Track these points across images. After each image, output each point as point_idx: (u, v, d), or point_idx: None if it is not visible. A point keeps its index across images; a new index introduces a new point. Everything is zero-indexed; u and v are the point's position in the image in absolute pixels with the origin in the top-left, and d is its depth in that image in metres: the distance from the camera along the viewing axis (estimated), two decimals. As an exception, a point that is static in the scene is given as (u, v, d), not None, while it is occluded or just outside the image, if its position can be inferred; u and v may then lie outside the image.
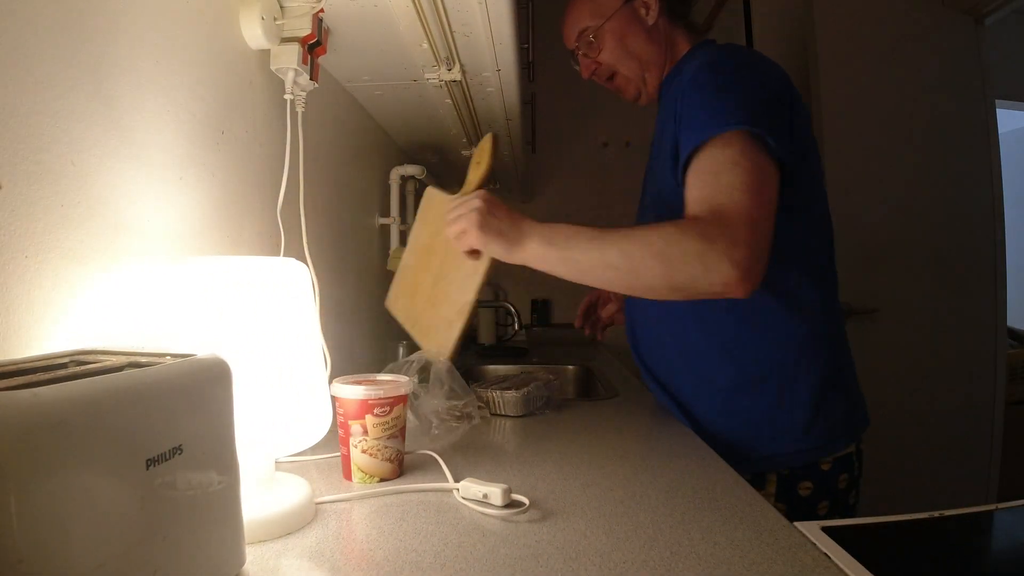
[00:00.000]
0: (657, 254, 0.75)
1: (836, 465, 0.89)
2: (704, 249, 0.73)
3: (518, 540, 0.54)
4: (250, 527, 0.51)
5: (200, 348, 0.45)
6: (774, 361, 0.89)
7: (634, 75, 1.00)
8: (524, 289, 2.51)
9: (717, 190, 0.77)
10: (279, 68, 0.84)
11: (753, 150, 0.78)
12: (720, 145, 0.78)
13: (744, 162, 0.77)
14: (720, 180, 0.77)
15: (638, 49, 0.98)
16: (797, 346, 0.89)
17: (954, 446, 2.01)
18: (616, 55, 0.99)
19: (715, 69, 0.85)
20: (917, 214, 2.01)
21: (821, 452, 0.89)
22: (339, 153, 1.19)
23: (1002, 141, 2.12)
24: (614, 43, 0.98)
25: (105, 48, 0.55)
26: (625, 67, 0.99)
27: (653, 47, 0.98)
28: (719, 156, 0.78)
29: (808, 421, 0.88)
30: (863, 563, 0.49)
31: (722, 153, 0.78)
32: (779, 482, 0.89)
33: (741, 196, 0.75)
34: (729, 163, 0.77)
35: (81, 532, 0.31)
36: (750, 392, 0.90)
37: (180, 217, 0.67)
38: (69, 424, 0.31)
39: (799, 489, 0.88)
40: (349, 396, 0.70)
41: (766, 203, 0.76)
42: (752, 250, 0.73)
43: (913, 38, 2.03)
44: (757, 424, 0.90)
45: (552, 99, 2.46)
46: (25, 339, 0.46)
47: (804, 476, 0.89)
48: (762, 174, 0.77)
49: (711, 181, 0.78)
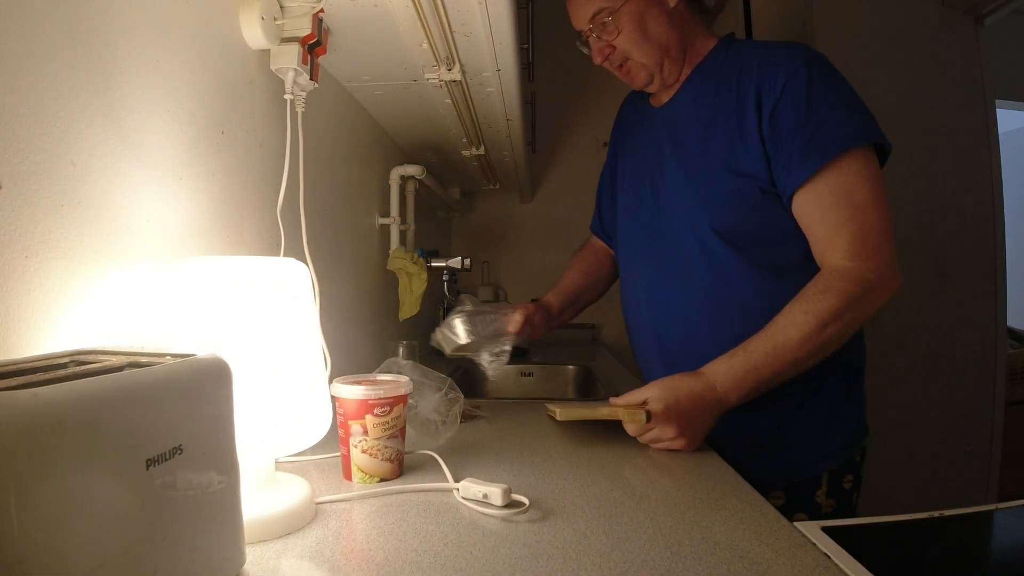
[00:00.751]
0: (841, 334, 0.81)
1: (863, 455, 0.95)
2: (864, 291, 0.80)
3: (518, 540, 0.54)
4: (250, 527, 0.51)
5: (200, 348, 0.45)
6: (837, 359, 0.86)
7: (651, 61, 0.94)
8: (524, 289, 2.51)
9: (854, 211, 0.82)
10: (279, 68, 0.84)
11: (872, 160, 0.84)
12: (847, 161, 0.82)
13: (869, 175, 0.83)
14: (855, 200, 0.82)
15: (658, 34, 0.92)
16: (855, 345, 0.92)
17: (954, 446, 2.01)
18: (634, 39, 0.92)
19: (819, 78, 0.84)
20: (917, 214, 2.01)
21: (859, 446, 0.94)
22: (339, 153, 1.19)
23: (1002, 141, 2.12)
24: (633, 27, 0.91)
25: (105, 48, 0.55)
26: (642, 53, 0.93)
27: (674, 33, 0.93)
28: (848, 173, 0.82)
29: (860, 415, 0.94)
30: (863, 563, 0.49)
31: (851, 169, 0.82)
32: (829, 480, 0.91)
33: (875, 213, 0.82)
34: (859, 179, 0.82)
35: (81, 532, 0.31)
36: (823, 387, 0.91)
37: (180, 217, 0.66)
38: (69, 424, 0.31)
39: (844, 483, 0.92)
40: (349, 396, 0.70)
41: (887, 210, 0.83)
42: (892, 259, 0.82)
43: (913, 38, 2.03)
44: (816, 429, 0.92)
45: (552, 99, 2.46)
46: (25, 339, 0.46)
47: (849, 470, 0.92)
48: (880, 181, 0.84)
49: (846, 201, 0.82)
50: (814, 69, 0.84)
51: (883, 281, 0.81)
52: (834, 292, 0.79)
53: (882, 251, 0.81)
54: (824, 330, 0.79)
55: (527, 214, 2.56)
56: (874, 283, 0.80)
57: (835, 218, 0.82)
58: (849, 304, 0.79)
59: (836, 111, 0.83)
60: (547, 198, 2.56)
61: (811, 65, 0.85)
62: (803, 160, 0.82)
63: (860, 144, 0.82)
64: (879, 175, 0.83)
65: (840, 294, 0.79)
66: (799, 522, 0.57)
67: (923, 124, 2.02)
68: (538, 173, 2.53)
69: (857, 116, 0.83)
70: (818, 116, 0.82)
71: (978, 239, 2.05)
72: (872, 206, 0.81)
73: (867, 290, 0.80)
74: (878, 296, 0.81)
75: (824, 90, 0.84)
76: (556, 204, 2.55)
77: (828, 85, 0.84)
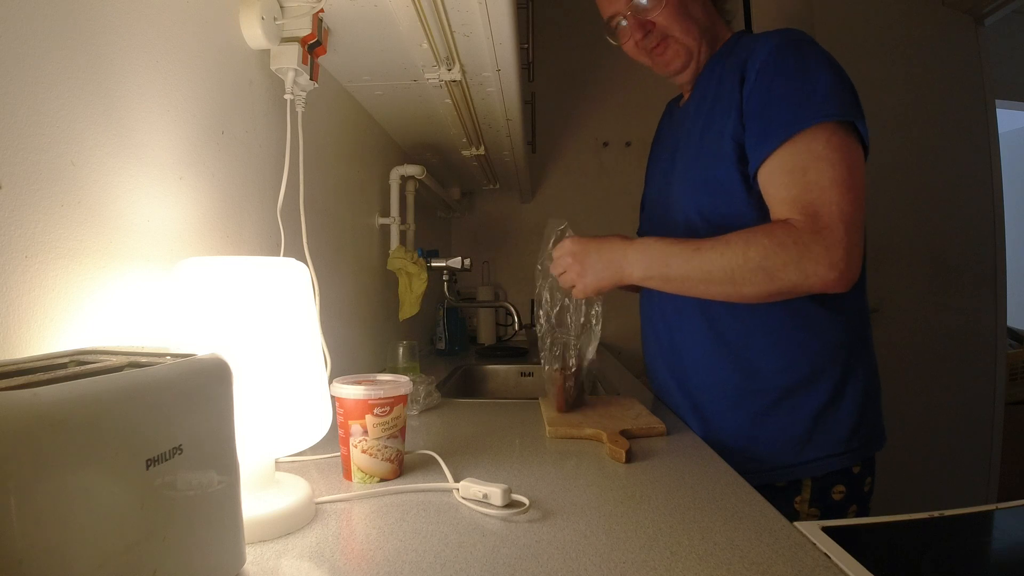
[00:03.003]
0: (757, 268, 0.77)
1: (864, 467, 0.88)
2: (800, 256, 0.75)
3: (518, 540, 0.54)
4: (250, 527, 0.51)
5: (200, 348, 0.45)
6: (825, 362, 0.86)
7: (692, 40, 0.92)
8: (524, 289, 2.51)
9: (806, 189, 0.77)
10: (279, 68, 0.84)
11: (839, 139, 0.77)
12: (805, 140, 0.77)
13: (831, 155, 0.76)
14: (808, 178, 0.77)
15: (698, 13, 0.92)
16: (845, 345, 0.87)
17: (954, 446, 2.01)
18: (675, 18, 0.90)
19: (789, 56, 0.81)
20: (917, 214, 2.01)
21: (859, 456, 0.87)
22: (339, 153, 1.19)
23: (1002, 141, 2.12)
24: (676, 4, 0.90)
25: (105, 48, 0.55)
26: (683, 30, 0.91)
27: (709, 18, 0.93)
28: (804, 152, 0.77)
29: (854, 425, 0.86)
30: (863, 563, 0.49)
31: (808, 148, 0.77)
32: (813, 487, 0.86)
33: (832, 194, 0.76)
34: (814, 158, 0.77)
35: (81, 532, 0.31)
36: (802, 393, 0.86)
37: (180, 217, 0.66)
38: (69, 424, 0.31)
39: (833, 494, 0.86)
40: (349, 396, 0.70)
41: (857, 195, 0.76)
42: (847, 248, 0.75)
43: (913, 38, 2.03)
44: (803, 427, 0.86)
45: (552, 99, 2.46)
46: (25, 339, 0.46)
47: (838, 480, 0.86)
48: (851, 164, 0.77)
49: (799, 180, 0.78)
50: (788, 48, 0.82)
51: (829, 259, 0.74)
52: (772, 236, 0.77)
53: (839, 231, 0.75)
54: (741, 262, 0.78)
55: (527, 214, 2.56)
56: (817, 254, 0.75)
57: (786, 195, 0.79)
58: (777, 252, 0.76)
59: (799, 89, 0.79)
60: (547, 198, 2.57)
61: (785, 45, 0.82)
62: (764, 139, 0.80)
63: (817, 121, 0.77)
64: (846, 155, 0.77)
65: (775, 240, 0.77)
66: (799, 522, 0.57)
67: (923, 124, 2.03)
68: (538, 173, 2.53)
69: (820, 94, 0.78)
70: (780, 95, 0.80)
71: (978, 239, 2.05)
72: (828, 185, 0.76)
73: (804, 255, 0.75)
74: (814, 268, 0.75)
75: (791, 68, 0.80)
76: (556, 204, 2.55)
77: (797, 64, 0.81)
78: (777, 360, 0.87)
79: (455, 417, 1.04)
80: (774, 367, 0.87)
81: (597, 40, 2.54)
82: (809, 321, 0.86)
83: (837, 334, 0.87)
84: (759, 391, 0.88)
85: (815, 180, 0.76)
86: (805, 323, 0.86)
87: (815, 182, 0.76)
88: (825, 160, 0.76)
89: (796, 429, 0.86)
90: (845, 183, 0.76)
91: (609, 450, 0.81)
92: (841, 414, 0.86)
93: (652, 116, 1.13)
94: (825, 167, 0.76)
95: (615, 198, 2.50)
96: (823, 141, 0.77)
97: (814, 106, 0.77)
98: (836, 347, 0.86)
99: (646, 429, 0.90)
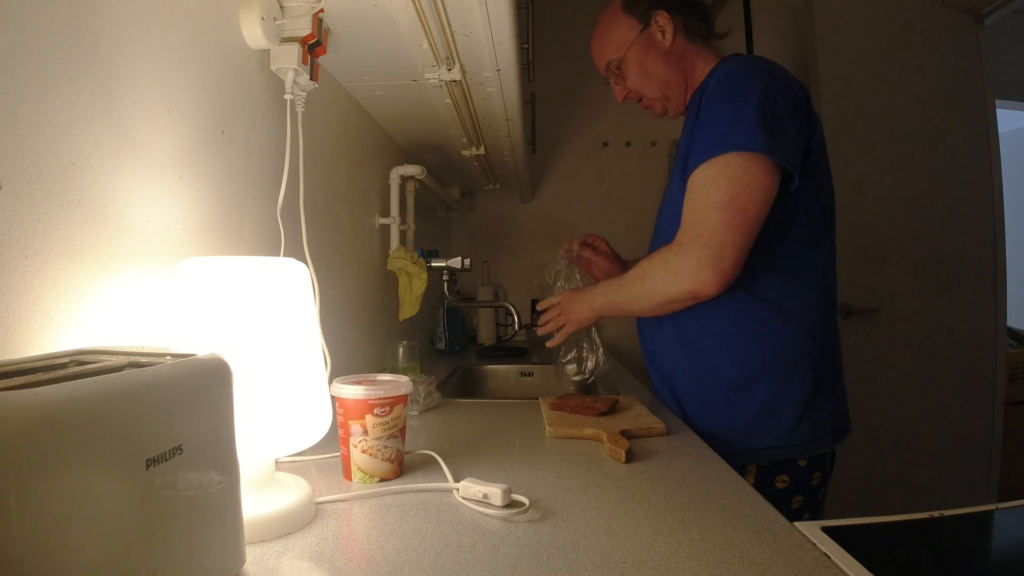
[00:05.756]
0: (648, 286, 0.94)
1: (812, 463, 0.95)
2: (667, 268, 0.91)
3: (518, 540, 0.54)
4: (250, 527, 0.51)
5: (200, 348, 0.45)
6: (769, 362, 0.94)
7: (657, 96, 1.07)
8: (524, 289, 2.51)
9: (692, 208, 0.90)
10: (279, 68, 0.84)
11: (738, 167, 0.86)
12: (707, 166, 0.88)
13: (721, 180, 0.87)
14: (698, 199, 0.89)
15: (657, 73, 1.04)
16: (790, 349, 0.95)
17: (954, 446, 2.01)
18: (639, 81, 1.06)
19: (723, 88, 0.91)
20: (917, 214, 2.01)
21: (803, 450, 0.94)
22: (339, 153, 1.19)
23: (1002, 141, 2.12)
24: (636, 70, 1.05)
25: (105, 48, 0.55)
26: (648, 90, 1.07)
27: (671, 69, 1.04)
28: (703, 177, 0.89)
29: (795, 421, 0.94)
30: (863, 563, 0.49)
31: (706, 174, 0.88)
32: (758, 473, 0.94)
33: (707, 213, 0.87)
34: (708, 182, 0.88)
35: (81, 532, 0.32)
36: (746, 389, 0.95)
37: (180, 217, 0.67)
38: (69, 424, 0.31)
39: (776, 482, 0.94)
40: (349, 396, 0.70)
41: (732, 215, 0.85)
42: (706, 260, 0.86)
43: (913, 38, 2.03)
44: (748, 419, 0.95)
45: (552, 99, 2.46)
46: (25, 339, 0.46)
47: (782, 470, 0.94)
48: (735, 189, 0.86)
49: (691, 199, 0.90)
50: (727, 78, 0.92)
51: (685, 268, 0.88)
52: (653, 256, 0.94)
53: (696, 245, 0.87)
54: (636, 283, 0.96)
55: (527, 214, 2.56)
56: (675, 265, 0.89)
57: (683, 210, 0.91)
58: (656, 269, 0.93)
59: (715, 122, 0.89)
60: (547, 198, 2.57)
61: (726, 75, 0.92)
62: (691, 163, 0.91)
63: (722, 152, 0.86)
64: (737, 181, 0.85)
65: (652, 258, 0.94)
66: (799, 522, 0.57)
67: (923, 124, 2.02)
68: (538, 173, 2.53)
69: (730, 124, 0.87)
70: (707, 125, 0.90)
71: (978, 239, 2.05)
72: (705, 206, 0.87)
73: (667, 267, 0.91)
74: (676, 277, 0.89)
75: (724, 100, 0.90)
76: (556, 204, 2.55)
77: (729, 96, 0.90)
78: (726, 357, 0.96)
79: (455, 417, 1.04)
80: (722, 363, 0.97)
81: (597, 40, 2.54)
82: (758, 325, 0.95)
83: (784, 338, 0.95)
84: (711, 385, 0.98)
85: (697, 200, 0.89)
86: (755, 327, 0.95)
87: (696, 202, 0.89)
88: (713, 184, 0.87)
89: (740, 421, 0.95)
90: (722, 204, 0.86)
91: (609, 450, 0.81)
92: (783, 412, 0.94)
93: (652, 117, 1.14)
94: (711, 190, 0.87)
95: (615, 198, 2.50)
96: (720, 167, 0.87)
97: (726, 138, 0.87)
98: (782, 349, 0.94)
99: (646, 429, 0.90)
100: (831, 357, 0.99)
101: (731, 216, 0.85)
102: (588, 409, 0.98)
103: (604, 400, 1.02)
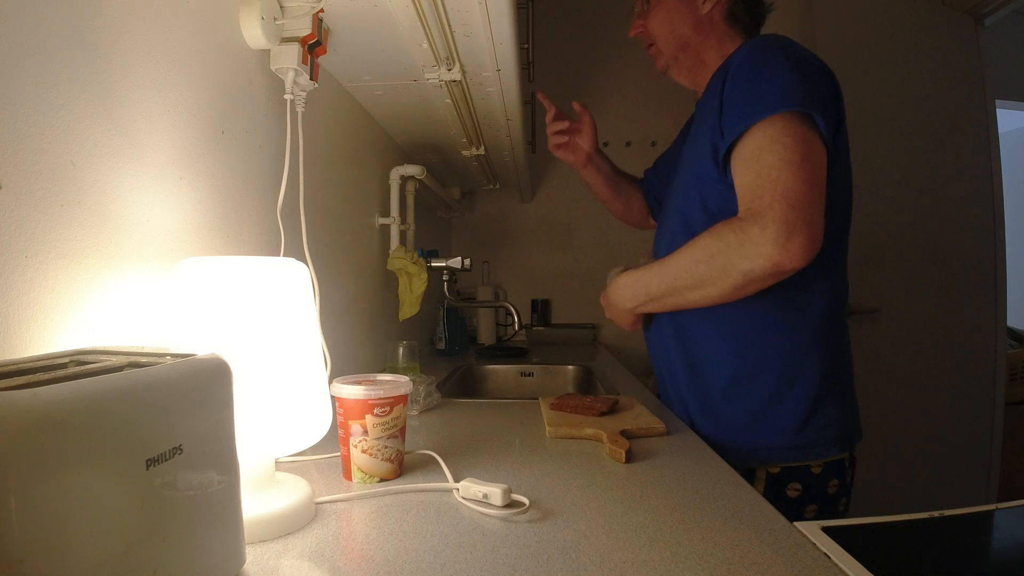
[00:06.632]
0: (709, 266, 0.84)
1: (827, 470, 0.90)
2: (740, 242, 0.80)
3: (518, 540, 0.54)
4: (250, 527, 0.51)
5: (200, 348, 0.45)
6: (775, 356, 0.91)
7: (668, 51, 1.04)
8: (524, 289, 2.51)
9: (756, 173, 0.81)
10: (279, 68, 0.84)
11: (795, 126, 0.80)
12: (762, 128, 0.81)
13: (784, 138, 0.80)
14: (761, 161, 0.81)
15: (681, 30, 1.02)
16: (798, 345, 0.91)
17: (954, 446, 2.01)
18: (660, 27, 1.03)
19: (757, 55, 0.87)
20: (917, 214, 2.01)
21: (811, 454, 0.90)
22: (339, 153, 1.19)
23: (1002, 141, 2.12)
24: (662, 17, 1.03)
25: (105, 48, 0.55)
26: (663, 41, 1.04)
27: (697, 36, 1.01)
28: (760, 139, 0.81)
29: (802, 420, 0.90)
30: (863, 563, 0.49)
31: (763, 135, 0.81)
32: (767, 481, 0.90)
33: (782, 171, 0.78)
34: (769, 142, 0.80)
35: (81, 532, 0.31)
36: (750, 383, 0.92)
37: (180, 217, 0.67)
38: (69, 424, 0.31)
39: (788, 490, 0.90)
40: (349, 396, 0.70)
41: (808, 174, 0.78)
42: (789, 222, 0.77)
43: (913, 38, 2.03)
44: (752, 416, 0.92)
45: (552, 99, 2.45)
46: (25, 339, 0.46)
47: (793, 477, 0.90)
48: (805, 147, 0.80)
49: (753, 165, 0.82)
50: (754, 53, 0.87)
51: (766, 237, 0.77)
52: (714, 233, 0.84)
53: (777, 208, 0.77)
54: (697, 266, 0.86)
55: (527, 214, 2.56)
56: (755, 236, 0.78)
57: (744, 179, 0.84)
58: (721, 247, 0.82)
59: (757, 88, 0.84)
60: (547, 198, 2.56)
61: (751, 50, 0.88)
62: (726, 133, 0.86)
63: (770, 113, 0.81)
64: (800, 141, 0.80)
65: (717, 236, 0.83)
66: (799, 522, 0.57)
67: (923, 124, 2.02)
68: (538, 173, 2.52)
69: (776, 90, 0.82)
70: (740, 93, 0.85)
71: (978, 239, 2.05)
72: (779, 166, 0.79)
73: (743, 240, 0.80)
74: (756, 250, 0.78)
75: (753, 70, 0.86)
76: (556, 204, 2.55)
77: (758, 65, 0.86)
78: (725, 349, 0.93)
79: (455, 417, 1.04)
80: (721, 356, 0.93)
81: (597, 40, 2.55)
82: (763, 319, 0.90)
83: (790, 334, 0.91)
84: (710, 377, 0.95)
85: (768, 161, 0.80)
86: (760, 322, 0.90)
87: (768, 163, 0.80)
88: (779, 142, 0.80)
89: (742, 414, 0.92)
90: (795, 162, 0.78)
91: (609, 450, 0.81)
92: (786, 408, 0.90)
93: (652, 116, 1.14)
94: (778, 148, 0.80)
95: (615, 198, 2.49)
96: (779, 127, 0.80)
97: (768, 100, 0.81)
98: (785, 343, 0.90)
99: (646, 429, 0.90)
100: (840, 359, 0.94)
101: (809, 174, 0.78)
102: (588, 409, 0.98)
103: (604, 400, 1.02)
